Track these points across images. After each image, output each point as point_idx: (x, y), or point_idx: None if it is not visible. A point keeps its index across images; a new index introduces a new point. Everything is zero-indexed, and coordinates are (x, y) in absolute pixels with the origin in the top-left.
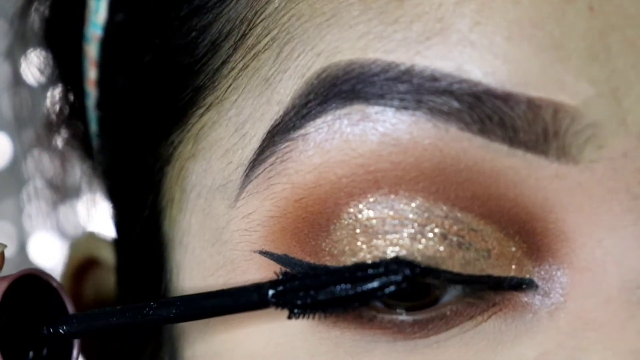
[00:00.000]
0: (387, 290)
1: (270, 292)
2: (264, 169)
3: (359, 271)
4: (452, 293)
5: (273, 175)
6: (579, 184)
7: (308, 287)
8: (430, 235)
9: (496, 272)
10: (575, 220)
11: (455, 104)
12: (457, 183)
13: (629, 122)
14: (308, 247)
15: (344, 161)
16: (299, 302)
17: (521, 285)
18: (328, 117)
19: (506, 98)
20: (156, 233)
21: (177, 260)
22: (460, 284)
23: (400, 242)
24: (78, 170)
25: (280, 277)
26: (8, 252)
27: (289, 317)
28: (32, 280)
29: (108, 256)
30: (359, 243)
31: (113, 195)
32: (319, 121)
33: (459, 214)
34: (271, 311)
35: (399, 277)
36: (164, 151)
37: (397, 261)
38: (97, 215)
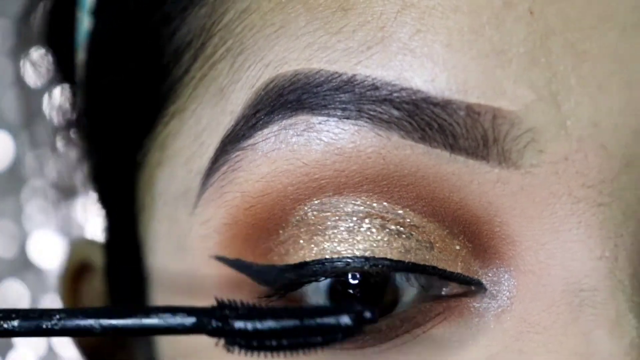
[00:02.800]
0: (331, 340)
1: (214, 323)
2: (218, 178)
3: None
4: (405, 302)
5: (225, 184)
6: (522, 188)
7: (247, 316)
8: (368, 225)
9: (441, 265)
10: (520, 224)
11: (396, 113)
12: (400, 186)
13: (569, 125)
14: (258, 250)
15: (289, 170)
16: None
17: (469, 284)
18: (274, 127)
19: (445, 105)
20: (133, 238)
21: (149, 265)
22: (403, 272)
23: (339, 236)
24: (78, 170)
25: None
26: (8, 252)
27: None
28: None
29: (100, 260)
30: (301, 241)
31: (100, 199)
32: (266, 131)
33: (400, 211)
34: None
35: (340, 335)
36: (137, 158)
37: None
38: (95, 215)
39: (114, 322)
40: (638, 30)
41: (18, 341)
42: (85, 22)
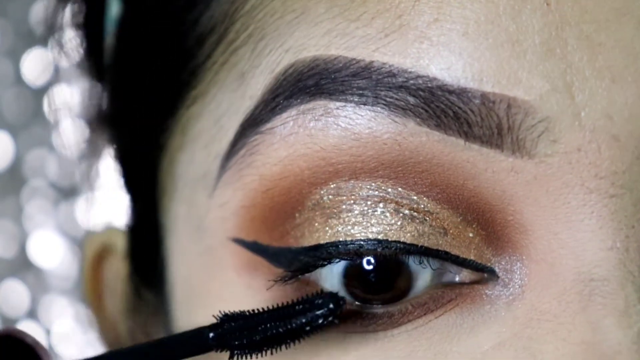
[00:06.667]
0: (314, 325)
1: (211, 334)
2: (236, 161)
3: (289, 309)
4: (419, 288)
5: (244, 167)
6: (535, 177)
7: (244, 329)
8: (382, 209)
9: (454, 252)
10: (533, 213)
11: (412, 100)
12: (416, 172)
13: (583, 117)
14: (275, 233)
15: (307, 154)
16: (236, 343)
17: (482, 272)
18: (293, 112)
19: (460, 93)
20: (154, 221)
21: (168, 247)
22: (416, 255)
23: (353, 219)
24: (78, 170)
25: (219, 320)
26: (8, 252)
27: (231, 358)
28: (11, 339)
29: (121, 244)
30: (316, 224)
31: (124, 183)
32: (284, 115)
33: (414, 197)
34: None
35: (324, 311)
36: (160, 141)
37: (322, 296)
38: (96, 214)
39: None
40: None
41: None
42: (114, 8)
